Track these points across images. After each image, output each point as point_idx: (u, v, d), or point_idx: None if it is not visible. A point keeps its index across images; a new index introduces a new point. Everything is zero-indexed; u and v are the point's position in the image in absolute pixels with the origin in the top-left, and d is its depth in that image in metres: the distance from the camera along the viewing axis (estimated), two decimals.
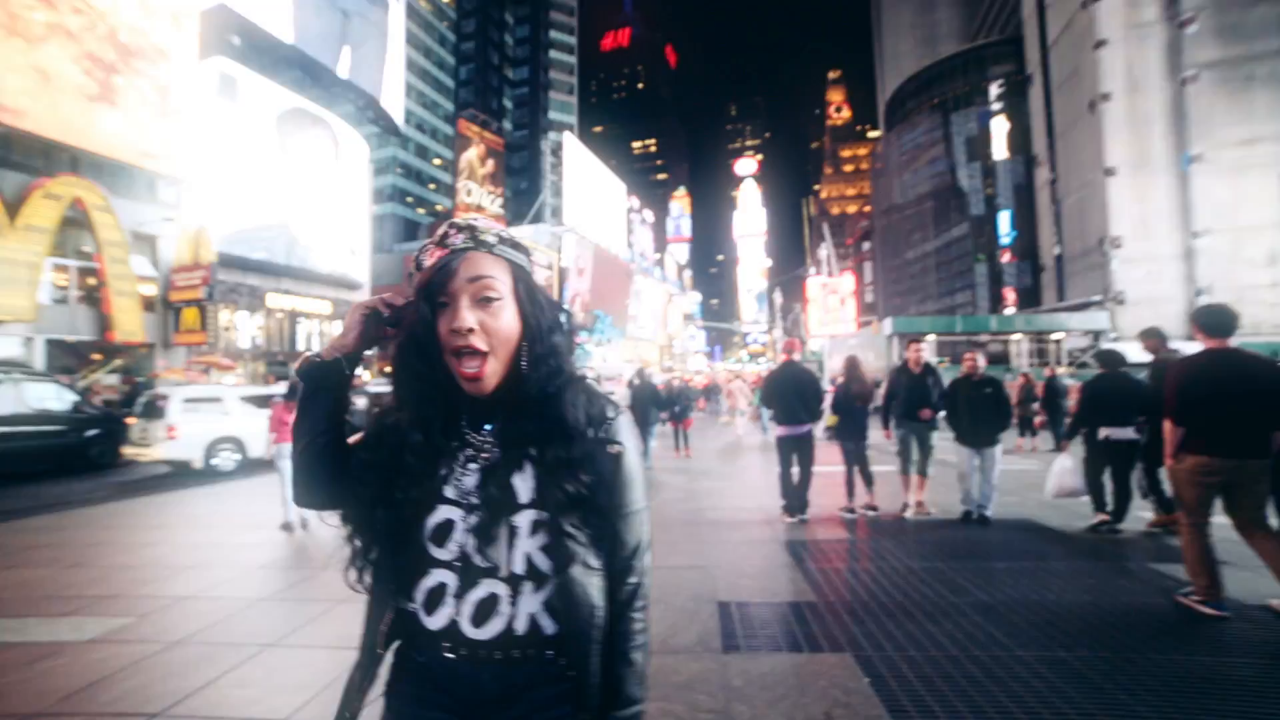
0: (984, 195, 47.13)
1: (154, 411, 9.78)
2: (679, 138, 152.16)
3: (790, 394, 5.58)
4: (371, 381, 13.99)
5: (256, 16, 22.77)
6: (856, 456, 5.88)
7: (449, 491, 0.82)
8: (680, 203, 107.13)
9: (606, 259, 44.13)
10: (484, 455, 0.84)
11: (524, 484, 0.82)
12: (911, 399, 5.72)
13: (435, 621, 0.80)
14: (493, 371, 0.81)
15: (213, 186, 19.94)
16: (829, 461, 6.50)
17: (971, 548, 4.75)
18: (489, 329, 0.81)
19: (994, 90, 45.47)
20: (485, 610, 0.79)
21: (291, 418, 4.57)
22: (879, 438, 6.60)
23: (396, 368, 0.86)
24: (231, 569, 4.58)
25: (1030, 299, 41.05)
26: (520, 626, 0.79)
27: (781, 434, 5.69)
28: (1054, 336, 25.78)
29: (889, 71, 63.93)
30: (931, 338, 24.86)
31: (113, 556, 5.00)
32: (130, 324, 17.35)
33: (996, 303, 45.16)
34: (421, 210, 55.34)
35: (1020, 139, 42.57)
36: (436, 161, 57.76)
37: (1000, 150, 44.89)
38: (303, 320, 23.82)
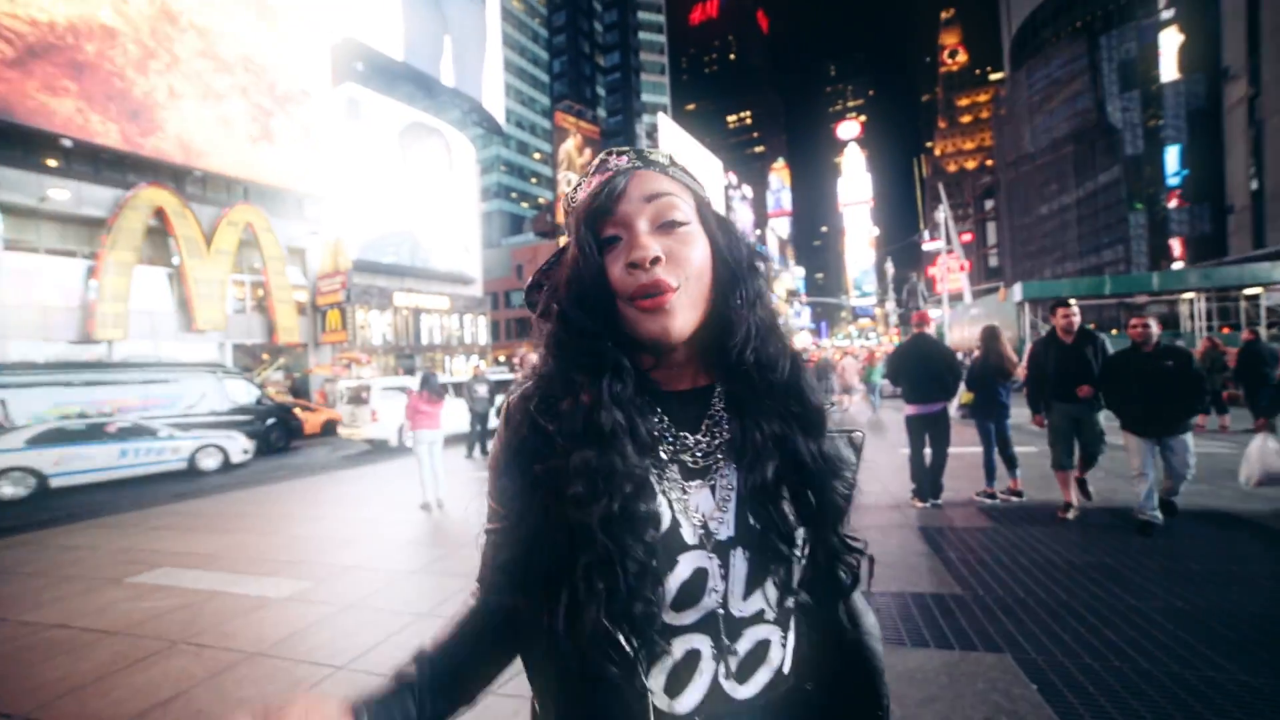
0: (1143, 130, 40.08)
1: (359, 400, 11.73)
2: (775, 107, 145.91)
3: (921, 369, 5.16)
4: (489, 370, 13.88)
5: (373, 41, 24.80)
6: (997, 436, 5.34)
7: (685, 530, 0.61)
8: (779, 175, 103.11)
9: None
10: (697, 457, 0.64)
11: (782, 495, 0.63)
12: (1067, 374, 4.63)
13: (686, 702, 0.60)
14: (685, 311, 0.60)
15: (347, 200, 22.18)
16: (965, 442, 5.98)
17: (1151, 545, 4.11)
18: (678, 259, 0.60)
19: None
20: (752, 663, 0.63)
21: (425, 406, 4.95)
22: (1021, 416, 5.95)
23: (559, 340, 0.64)
24: (385, 544, 5.10)
25: (1209, 249, 34.64)
26: (788, 666, 0.65)
27: (912, 412, 5.29)
28: (1248, 292, 20.75)
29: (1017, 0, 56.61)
30: (1073, 304, 21.70)
31: (296, 527, 5.78)
32: (289, 327, 19.92)
33: (1158, 257, 38.73)
34: (525, 205, 57.86)
35: (1202, 51, 35.14)
36: (536, 156, 59.95)
37: (1170, 70, 37.51)
38: (425, 315, 25.89)
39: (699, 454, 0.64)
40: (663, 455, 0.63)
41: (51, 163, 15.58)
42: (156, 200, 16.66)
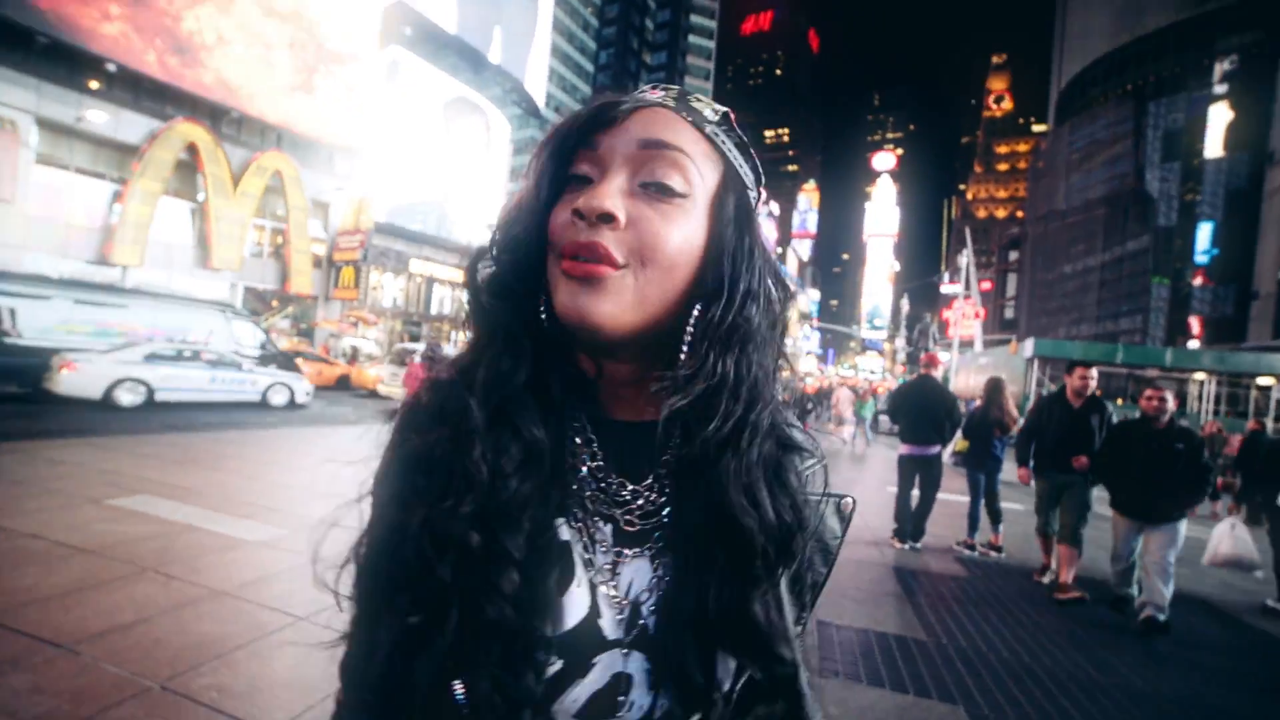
0: (1179, 202, 39.71)
1: (401, 361, 12.44)
2: (813, 128, 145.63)
3: (920, 411, 5.16)
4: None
5: (426, 9, 24.93)
6: (986, 488, 5.33)
7: (605, 621, 0.46)
8: (808, 196, 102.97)
9: None
10: (634, 517, 0.49)
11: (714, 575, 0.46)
12: (1065, 440, 4.37)
13: None
14: (621, 302, 0.44)
15: (380, 161, 22.31)
16: (953, 490, 5.97)
17: (1121, 621, 4.05)
18: (643, 232, 0.44)
19: (1220, 69, 36.90)
20: None
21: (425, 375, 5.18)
22: (1012, 472, 5.94)
23: (477, 307, 0.50)
24: (366, 503, 5.12)
25: (1228, 332, 34.31)
26: None
27: (905, 452, 5.29)
28: (1261, 381, 20.53)
29: (1070, 54, 56.05)
30: (1093, 369, 21.52)
31: (280, 475, 5.83)
32: (303, 278, 20.03)
33: (1175, 333, 38.43)
34: None
35: (1250, 132, 34.54)
36: None
37: (1215, 146, 36.88)
38: (438, 285, 25.98)
39: (637, 513, 0.48)
40: (590, 507, 0.48)
41: (93, 84, 15.68)
42: (191, 135, 16.76)
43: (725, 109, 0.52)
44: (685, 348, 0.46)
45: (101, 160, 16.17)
